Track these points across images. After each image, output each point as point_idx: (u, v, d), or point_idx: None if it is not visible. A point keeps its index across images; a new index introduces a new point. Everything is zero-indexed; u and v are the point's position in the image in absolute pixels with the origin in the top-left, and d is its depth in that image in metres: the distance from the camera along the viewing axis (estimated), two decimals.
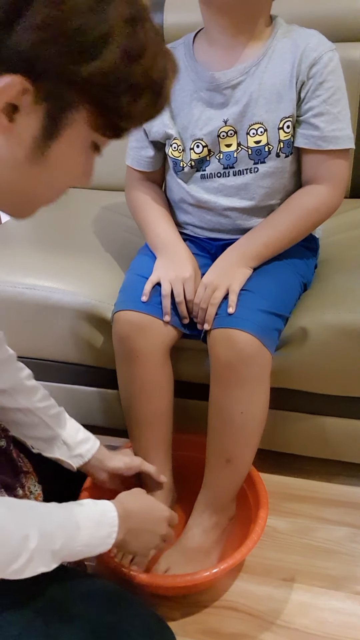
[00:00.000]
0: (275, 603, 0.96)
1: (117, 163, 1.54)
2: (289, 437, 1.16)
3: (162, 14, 1.44)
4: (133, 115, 0.56)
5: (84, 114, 0.53)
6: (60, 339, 1.14)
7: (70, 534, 0.69)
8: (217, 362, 0.93)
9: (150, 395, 1.00)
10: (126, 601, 0.73)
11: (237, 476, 0.99)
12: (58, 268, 1.14)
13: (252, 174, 0.98)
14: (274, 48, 0.94)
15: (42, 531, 0.65)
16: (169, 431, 1.03)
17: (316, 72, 0.91)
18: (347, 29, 1.32)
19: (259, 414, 0.95)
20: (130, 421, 1.03)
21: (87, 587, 0.74)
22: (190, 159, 1.00)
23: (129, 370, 0.99)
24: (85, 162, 0.60)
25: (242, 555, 0.90)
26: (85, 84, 0.51)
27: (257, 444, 0.97)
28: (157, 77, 0.55)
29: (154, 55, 0.54)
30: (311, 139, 0.94)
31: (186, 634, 0.91)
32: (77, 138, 0.55)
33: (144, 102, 0.55)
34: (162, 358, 0.99)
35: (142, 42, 0.52)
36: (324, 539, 1.07)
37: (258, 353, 0.90)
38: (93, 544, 0.72)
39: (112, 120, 0.55)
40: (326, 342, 0.99)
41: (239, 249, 0.98)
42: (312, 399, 1.09)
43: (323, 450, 1.16)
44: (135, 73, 0.52)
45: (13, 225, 1.43)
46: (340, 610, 0.94)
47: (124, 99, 0.53)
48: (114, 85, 0.52)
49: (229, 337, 0.90)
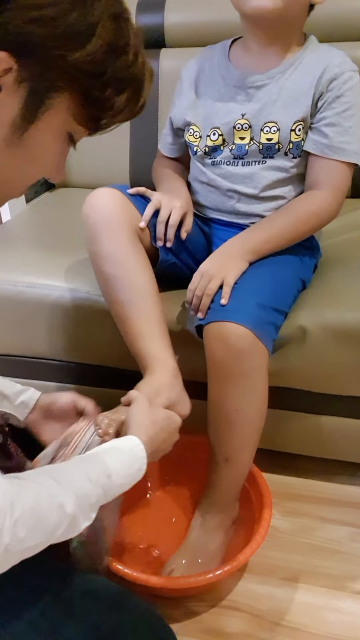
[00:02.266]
0: (276, 602, 0.96)
1: (117, 163, 1.55)
2: (289, 436, 1.16)
3: (163, 13, 1.45)
4: (115, 109, 0.57)
5: (66, 100, 0.55)
6: (61, 337, 1.14)
7: (104, 483, 0.67)
8: (211, 358, 0.93)
9: (126, 267, 0.96)
10: (129, 600, 0.74)
11: (237, 475, 0.99)
12: (57, 266, 1.14)
13: (259, 165, 1.03)
14: (301, 60, 1.02)
15: (76, 493, 0.63)
16: (157, 306, 0.97)
17: (335, 86, 0.98)
18: (346, 28, 1.33)
19: (256, 412, 0.94)
20: (112, 304, 0.98)
21: (91, 585, 0.74)
22: (206, 145, 1.07)
23: (101, 247, 0.97)
24: (59, 152, 0.60)
25: (246, 557, 0.90)
26: (72, 70, 0.52)
27: (255, 443, 0.97)
28: (138, 74, 0.58)
29: (136, 53, 0.56)
30: (319, 145, 1.00)
31: (187, 634, 0.91)
32: (56, 124, 0.56)
33: (125, 97, 0.57)
34: (132, 235, 0.97)
35: (126, 38, 0.55)
36: (325, 538, 1.07)
37: (253, 347, 0.89)
38: (127, 482, 0.71)
39: (95, 110, 0.57)
40: (327, 340, 0.99)
41: (238, 241, 1.00)
42: (313, 398, 1.09)
43: (324, 449, 1.16)
44: (119, 66, 0.55)
45: (12, 225, 1.43)
46: (341, 610, 0.94)
47: (108, 91, 0.55)
48: (99, 75, 0.54)
49: (222, 332, 0.90)
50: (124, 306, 0.96)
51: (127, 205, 1.00)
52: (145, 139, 1.49)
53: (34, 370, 1.20)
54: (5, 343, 1.17)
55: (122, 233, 0.96)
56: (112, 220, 0.96)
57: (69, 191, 1.61)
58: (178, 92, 1.14)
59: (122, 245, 0.96)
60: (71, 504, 0.62)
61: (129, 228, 0.97)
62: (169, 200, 1.02)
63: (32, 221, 1.45)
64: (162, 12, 1.45)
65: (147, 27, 1.47)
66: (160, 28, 1.46)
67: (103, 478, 0.67)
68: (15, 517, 0.54)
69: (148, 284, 0.97)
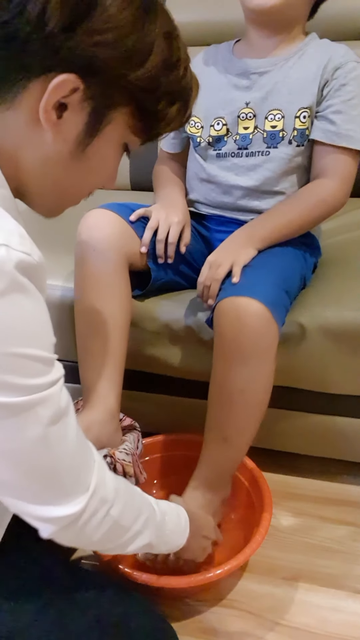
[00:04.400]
0: (276, 602, 0.96)
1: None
2: (289, 436, 1.16)
3: None
4: (166, 120, 0.63)
5: (124, 114, 0.60)
6: (62, 337, 1.14)
7: (158, 523, 0.73)
8: (221, 336, 0.90)
9: (105, 298, 0.96)
10: (132, 597, 0.75)
11: (234, 456, 0.96)
12: (59, 265, 1.14)
13: (263, 157, 1.05)
14: (305, 51, 1.04)
15: (146, 515, 0.69)
16: (118, 343, 0.96)
17: (340, 74, 1.00)
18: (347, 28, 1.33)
19: (261, 395, 0.92)
20: (77, 331, 0.99)
21: (97, 579, 0.75)
22: (209, 135, 1.08)
23: (87, 268, 0.97)
24: (116, 162, 0.65)
25: (246, 557, 0.90)
26: (131, 87, 0.58)
27: (256, 426, 0.94)
28: (187, 86, 0.63)
29: (185, 67, 0.62)
30: (327, 133, 1.01)
31: (187, 633, 0.91)
32: (115, 137, 0.61)
33: (176, 109, 0.63)
34: (120, 264, 0.97)
35: (177, 54, 0.60)
36: (325, 537, 1.07)
37: (267, 326, 0.87)
38: (176, 535, 0.77)
39: (149, 122, 0.62)
40: (326, 340, 0.99)
41: (246, 230, 1.00)
42: (313, 398, 1.09)
43: (324, 449, 1.16)
44: (171, 81, 0.60)
45: None
46: (341, 609, 0.94)
47: (161, 104, 0.61)
48: (154, 90, 0.59)
49: (236, 308, 0.87)
50: (88, 334, 0.97)
51: (123, 230, 1.00)
52: None
53: None
54: None
55: (110, 261, 0.96)
56: (104, 247, 0.96)
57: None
58: None
59: (110, 272, 0.96)
60: (149, 537, 0.69)
61: (119, 256, 0.97)
62: (166, 216, 1.02)
63: (32, 221, 1.45)
64: None
65: None
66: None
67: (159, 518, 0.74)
68: (110, 512, 0.61)
69: (120, 318, 0.97)
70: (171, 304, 1.07)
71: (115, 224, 0.99)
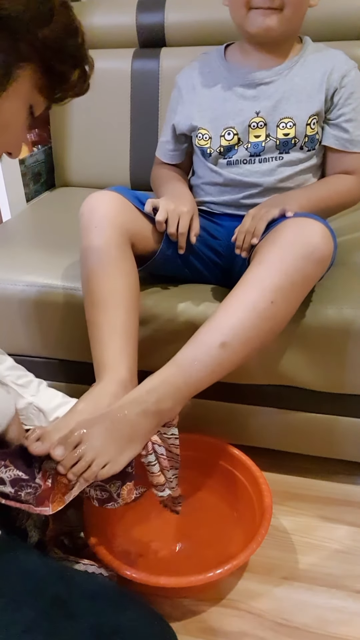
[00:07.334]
0: (276, 601, 0.96)
1: (117, 163, 1.55)
2: (289, 435, 1.16)
3: (163, 13, 1.45)
4: (70, 83, 0.67)
5: (30, 71, 0.63)
6: (62, 336, 1.14)
7: None
8: (277, 242, 0.85)
9: (108, 271, 0.94)
10: (128, 600, 0.74)
11: (218, 370, 0.84)
12: (59, 265, 1.14)
13: (276, 162, 1.08)
14: (305, 58, 1.07)
15: None
16: (128, 315, 0.93)
17: (347, 82, 1.04)
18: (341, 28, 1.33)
19: (284, 317, 0.86)
20: (85, 305, 0.96)
21: (90, 586, 0.74)
22: (220, 145, 1.09)
23: (91, 242, 0.96)
24: (23, 123, 0.68)
25: (246, 556, 0.90)
26: (39, 44, 0.62)
27: (260, 347, 0.87)
28: (86, 55, 0.68)
29: (83, 37, 0.67)
30: (341, 140, 1.07)
31: (187, 633, 0.91)
32: (21, 94, 0.64)
33: (77, 74, 0.67)
34: (123, 238, 0.97)
35: (75, 22, 0.65)
36: (325, 537, 1.07)
37: (326, 252, 0.85)
38: None
39: (53, 82, 0.66)
40: (328, 338, 0.99)
41: (281, 196, 1.04)
42: (313, 397, 1.09)
43: (323, 448, 1.16)
44: (73, 45, 0.65)
45: (13, 224, 1.43)
46: (341, 609, 0.94)
47: (65, 65, 0.66)
48: (58, 50, 0.64)
49: (302, 222, 0.86)
50: (93, 308, 0.94)
51: (126, 208, 1.00)
52: (146, 138, 1.50)
53: (35, 369, 1.20)
54: (6, 342, 1.17)
55: (114, 234, 0.96)
56: (105, 221, 0.96)
57: (69, 191, 1.61)
58: (177, 100, 1.16)
59: (111, 246, 0.96)
60: None
61: (122, 231, 0.97)
62: (175, 207, 1.02)
63: (32, 221, 1.45)
64: (163, 11, 1.45)
65: (147, 26, 1.48)
66: (160, 27, 1.46)
67: None
68: None
69: (125, 290, 0.94)
70: (168, 301, 1.06)
71: (116, 202, 0.99)
